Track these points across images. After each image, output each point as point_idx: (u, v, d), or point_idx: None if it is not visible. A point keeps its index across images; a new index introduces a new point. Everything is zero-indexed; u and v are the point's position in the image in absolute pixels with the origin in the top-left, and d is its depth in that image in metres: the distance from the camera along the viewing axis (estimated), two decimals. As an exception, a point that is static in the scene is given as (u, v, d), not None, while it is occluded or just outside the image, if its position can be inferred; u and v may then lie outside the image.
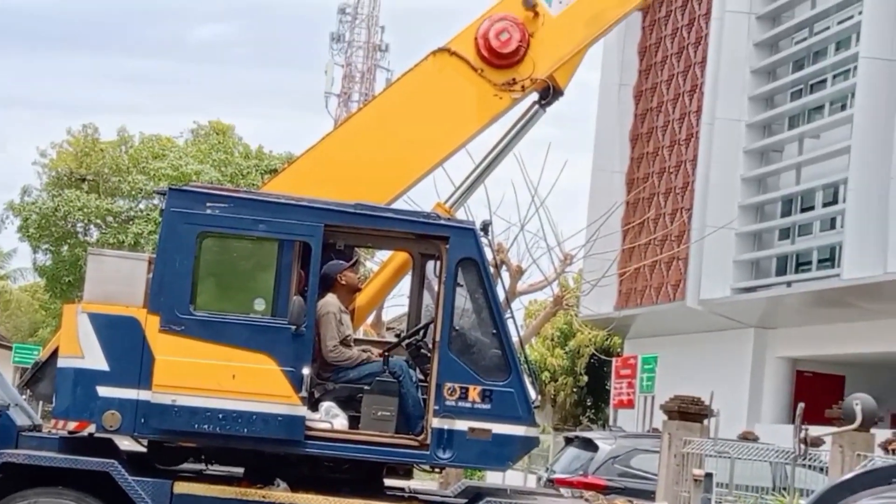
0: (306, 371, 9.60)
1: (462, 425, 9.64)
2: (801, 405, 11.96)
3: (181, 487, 9.63)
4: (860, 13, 24.27)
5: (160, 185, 27.00)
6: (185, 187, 10.16)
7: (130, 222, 41.60)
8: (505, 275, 19.89)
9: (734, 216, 27.66)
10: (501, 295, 10.35)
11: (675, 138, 31.07)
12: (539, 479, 18.16)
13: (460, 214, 11.63)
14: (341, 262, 10.43)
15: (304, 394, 9.57)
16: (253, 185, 36.83)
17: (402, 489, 10.59)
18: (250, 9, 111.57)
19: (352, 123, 11.46)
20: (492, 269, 10.02)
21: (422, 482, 12.97)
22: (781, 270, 27.36)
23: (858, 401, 12.26)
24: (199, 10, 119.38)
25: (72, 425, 9.69)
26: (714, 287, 27.91)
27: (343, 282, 10.38)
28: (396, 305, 16.25)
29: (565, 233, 20.10)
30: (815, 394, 27.96)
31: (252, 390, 9.55)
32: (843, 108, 25.43)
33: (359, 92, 64.77)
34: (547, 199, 19.20)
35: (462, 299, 9.82)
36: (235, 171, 41.88)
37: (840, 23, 26.06)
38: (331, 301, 10.14)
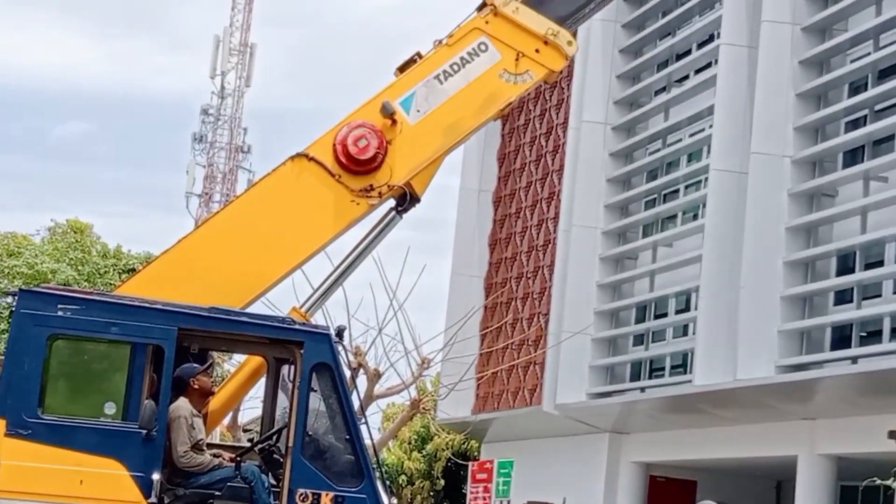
0: (156, 476, 9.47)
1: (315, 531, 9.57)
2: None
3: None
4: (710, 126, 25.04)
5: (14, 284, 26.50)
6: (35, 289, 10.02)
7: (-18, 321, 40.62)
8: (362, 378, 19.89)
9: (590, 322, 28.07)
10: (357, 399, 10.36)
11: (533, 244, 31.53)
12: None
13: (318, 317, 11.65)
14: (195, 365, 10.36)
15: (153, 500, 9.43)
16: (110, 284, 36.35)
17: None
18: (113, 107, 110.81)
19: (209, 226, 11.43)
20: (347, 374, 10.03)
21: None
22: (635, 376, 27.78)
23: (707, 506, 12.47)
24: (61, 106, 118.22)
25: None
26: (570, 392, 28.19)
27: (196, 386, 10.29)
28: (253, 408, 16.13)
29: (423, 336, 20.23)
30: (668, 499, 28.34)
31: (100, 496, 9.38)
32: (695, 217, 26.10)
33: (220, 192, 64.56)
34: (405, 303, 19.31)
35: (316, 404, 9.81)
36: (92, 270, 41.27)
37: (692, 135, 26.84)
38: (183, 405, 10.04)
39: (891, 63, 21.58)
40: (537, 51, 11.85)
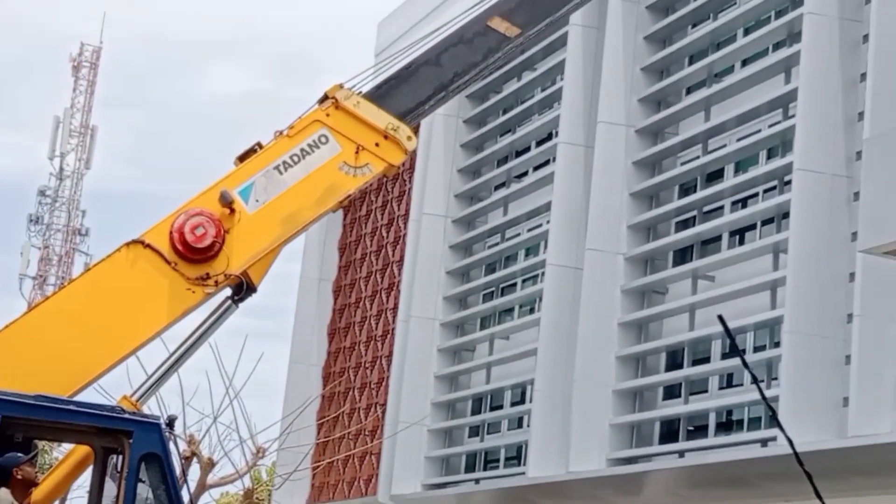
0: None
1: None
2: None
3: None
4: (548, 222, 25.53)
5: None
6: None
7: None
8: (195, 467, 19.65)
9: (427, 412, 28.17)
10: (188, 492, 10.29)
11: (372, 334, 31.62)
12: None
13: (152, 404, 11.55)
14: (19, 454, 10.16)
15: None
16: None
17: None
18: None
19: (40, 310, 11.28)
20: (178, 465, 9.96)
21: None
22: (471, 467, 27.91)
23: None
24: None
25: None
26: (405, 483, 28.18)
27: (19, 476, 10.09)
28: (79, 497, 15.83)
29: (259, 425, 20.15)
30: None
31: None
32: (532, 311, 26.49)
33: (55, 275, 63.40)
34: (242, 391, 19.23)
35: (144, 495, 9.70)
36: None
37: (530, 230, 27.32)
38: (3, 497, 9.83)
39: (718, 167, 22.35)
40: (377, 145, 12.07)
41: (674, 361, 22.75)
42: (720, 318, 8.72)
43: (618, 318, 23.25)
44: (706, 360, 21.91)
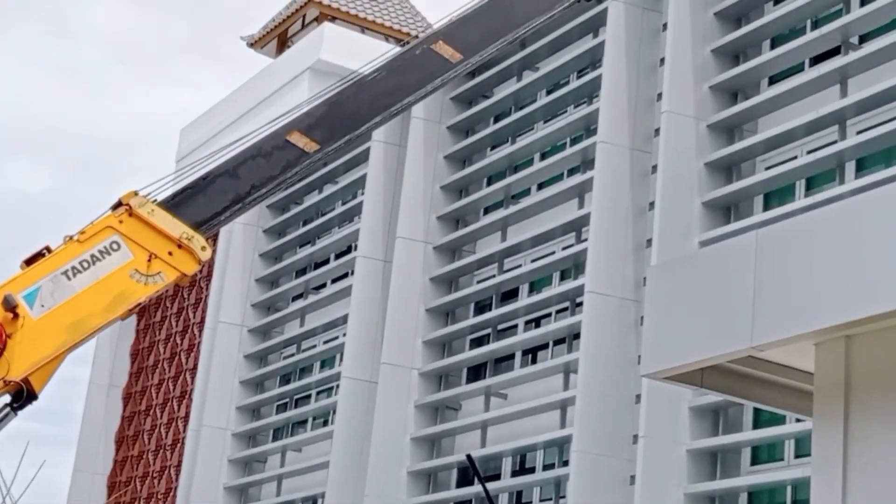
0: None
1: None
2: None
3: None
4: (344, 335, 25.55)
5: None
6: None
7: None
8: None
9: (214, 525, 27.65)
10: None
11: (162, 443, 30.97)
12: None
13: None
14: None
15: None
16: None
17: None
18: None
19: None
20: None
21: None
22: (259, 580, 27.42)
23: None
24: None
25: None
26: None
27: None
28: None
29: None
30: None
31: None
32: (325, 423, 26.35)
33: None
34: (21, 499, 18.56)
35: None
36: None
37: (326, 342, 27.29)
38: None
39: (513, 286, 22.77)
40: (170, 253, 11.97)
41: (465, 478, 22.85)
42: (468, 457, 8.84)
43: (411, 433, 23.30)
44: (497, 476, 22.08)
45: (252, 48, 35.76)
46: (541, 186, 22.83)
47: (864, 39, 17.96)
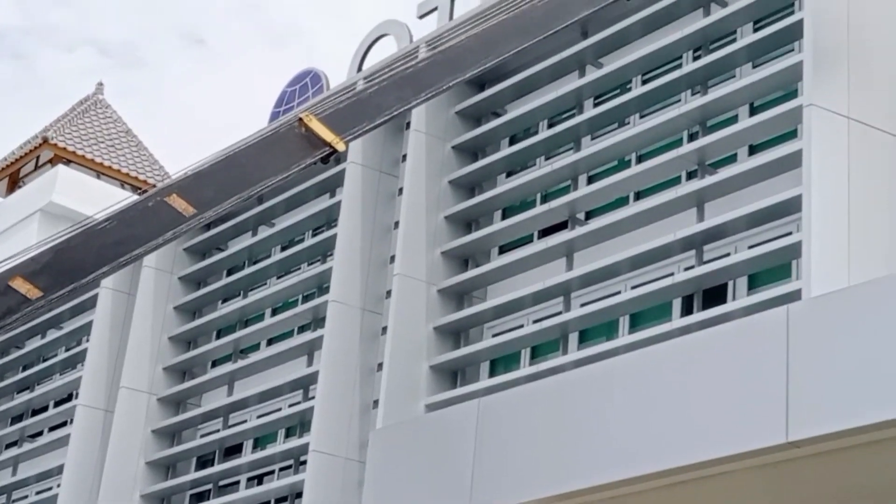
0: None
1: None
2: None
3: None
4: (58, 485, 24.61)
5: None
6: None
7: None
8: None
9: None
10: None
11: None
12: None
13: None
14: None
15: None
16: None
17: None
18: None
19: None
20: None
21: None
22: None
23: None
24: None
25: None
26: None
27: None
28: None
29: None
30: None
31: None
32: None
33: None
34: None
35: None
36: None
37: (38, 493, 26.23)
38: None
39: (237, 441, 22.41)
40: None
41: None
42: None
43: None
44: None
45: (-19, 187, 34.80)
46: (271, 342, 22.71)
47: (589, 216, 18.68)
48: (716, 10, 17.64)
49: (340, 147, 13.38)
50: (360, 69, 22.43)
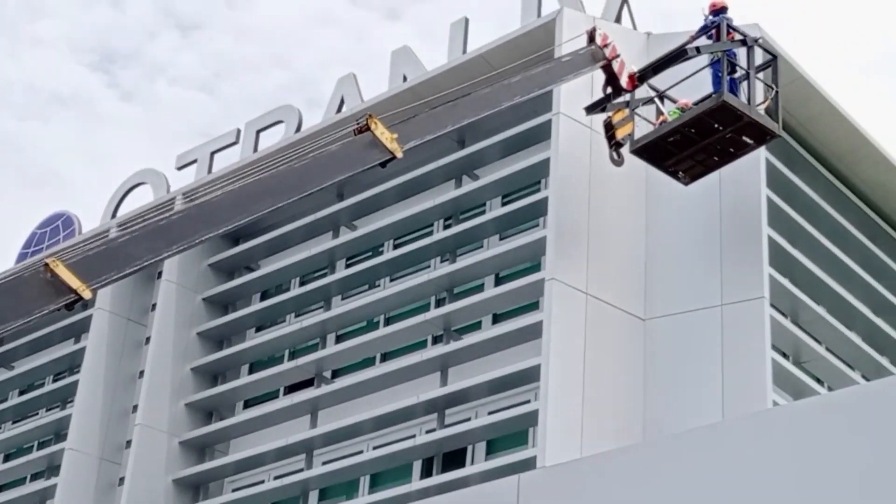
0: None
1: None
2: None
3: None
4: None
5: None
6: None
7: None
8: None
9: None
10: None
11: None
12: None
13: None
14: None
15: None
16: None
17: None
18: None
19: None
20: None
21: None
22: None
23: None
24: None
25: None
26: None
27: None
28: None
29: None
30: None
31: None
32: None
33: None
34: None
35: None
36: None
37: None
38: None
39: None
40: None
41: None
42: None
43: None
44: None
45: None
46: (2, 489, 21.93)
47: (336, 375, 18.86)
48: (467, 182, 18.31)
49: (87, 295, 13.16)
50: (114, 215, 22.26)
